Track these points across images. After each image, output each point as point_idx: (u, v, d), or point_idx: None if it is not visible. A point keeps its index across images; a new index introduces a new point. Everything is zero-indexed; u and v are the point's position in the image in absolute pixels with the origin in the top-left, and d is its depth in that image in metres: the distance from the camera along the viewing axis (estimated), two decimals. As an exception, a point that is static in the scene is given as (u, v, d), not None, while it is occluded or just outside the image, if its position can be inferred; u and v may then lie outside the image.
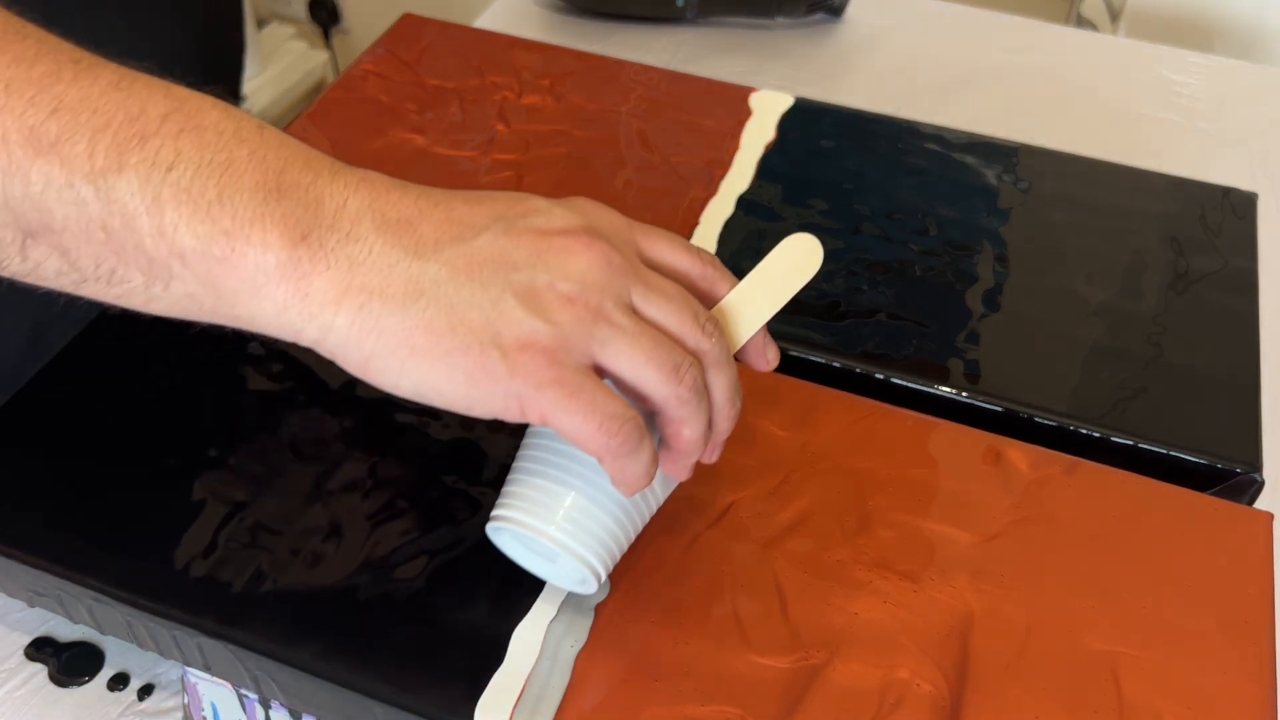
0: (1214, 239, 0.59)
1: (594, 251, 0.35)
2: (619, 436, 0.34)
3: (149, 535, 0.44)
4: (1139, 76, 0.87)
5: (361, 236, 0.33)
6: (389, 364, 0.34)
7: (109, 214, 0.32)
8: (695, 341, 0.37)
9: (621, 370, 0.35)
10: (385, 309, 0.33)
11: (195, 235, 0.32)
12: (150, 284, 0.33)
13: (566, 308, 0.34)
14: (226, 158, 0.32)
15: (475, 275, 0.34)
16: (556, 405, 0.34)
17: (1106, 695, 0.39)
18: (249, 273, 0.32)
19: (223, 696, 0.45)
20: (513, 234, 0.35)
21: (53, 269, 0.33)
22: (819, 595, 0.42)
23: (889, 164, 0.62)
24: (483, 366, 0.33)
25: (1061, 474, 0.46)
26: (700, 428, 0.37)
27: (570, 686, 0.39)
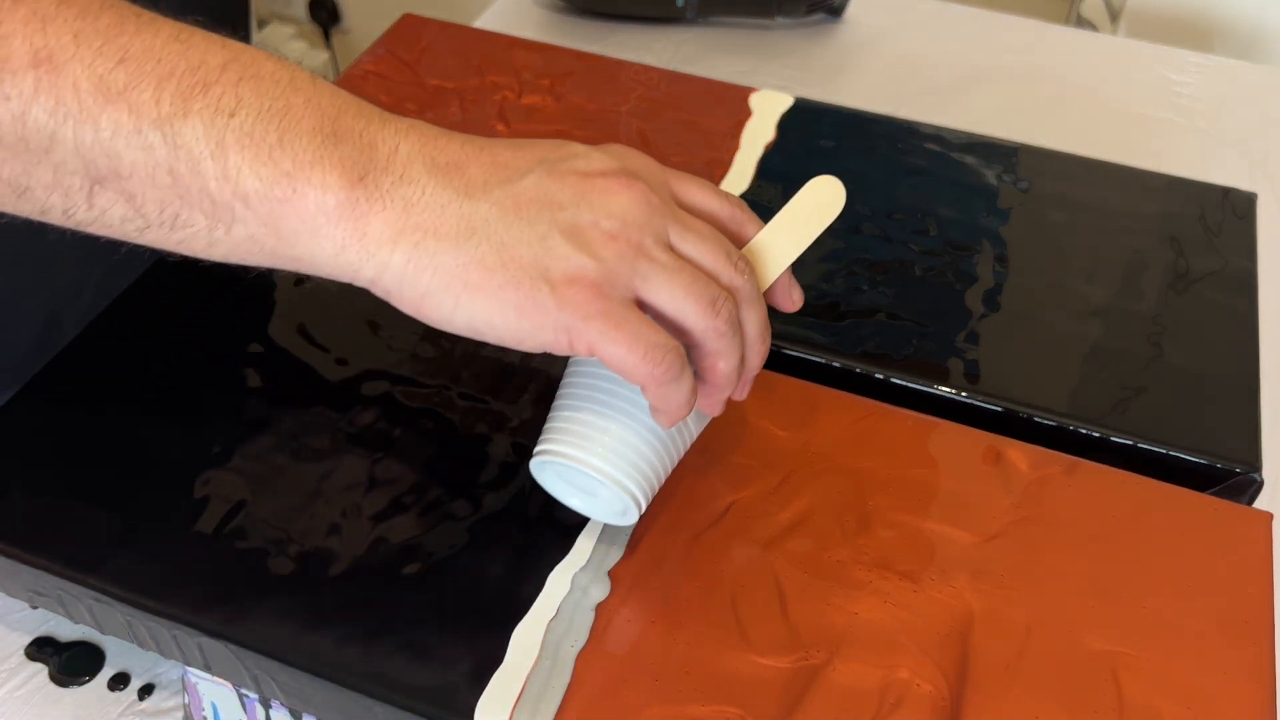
0: (1213, 239, 0.59)
1: (634, 191, 0.37)
2: (662, 365, 0.36)
3: (149, 535, 0.44)
4: (1139, 76, 0.87)
5: (414, 178, 0.35)
6: (443, 300, 0.35)
7: (175, 158, 0.33)
8: (729, 278, 0.38)
9: (662, 303, 0.37)
10: (440, 247, 0.35)
11: (258, 177, 0.33)
12: (213, 227, 0.35)
13: (610, 244, 0.36)
14: (284, 104, 0.34)
15: (523, 214, 0.36)
16: (603, 336, 0.35)
17: (1106, 695, 0.39)
18: (309, 213, 0.34)
19: (223, 696, 0.45)
20: (556, 175, 0.37)
21: (118, 215, 0.34)
22: (819, 595, 0.42)
23: (889, 164, 0.62)
24: (533, 300, 0.35)
25: (1061, 474, 0.46)
26: (735, 360, 0.38)
27: (570, 686, 0.39)
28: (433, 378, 0.49)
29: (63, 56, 0.32)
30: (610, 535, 0.44)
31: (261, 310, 0.53)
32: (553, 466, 0.42)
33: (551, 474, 0.42)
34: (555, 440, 0.40)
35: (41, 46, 0.32)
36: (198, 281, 0.54)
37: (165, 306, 0.53)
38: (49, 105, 0.32)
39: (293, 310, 0.53)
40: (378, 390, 0.49)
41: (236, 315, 0.52)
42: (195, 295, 0.54)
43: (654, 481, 0.41)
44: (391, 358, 0.50)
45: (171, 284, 0.54)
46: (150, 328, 0.52)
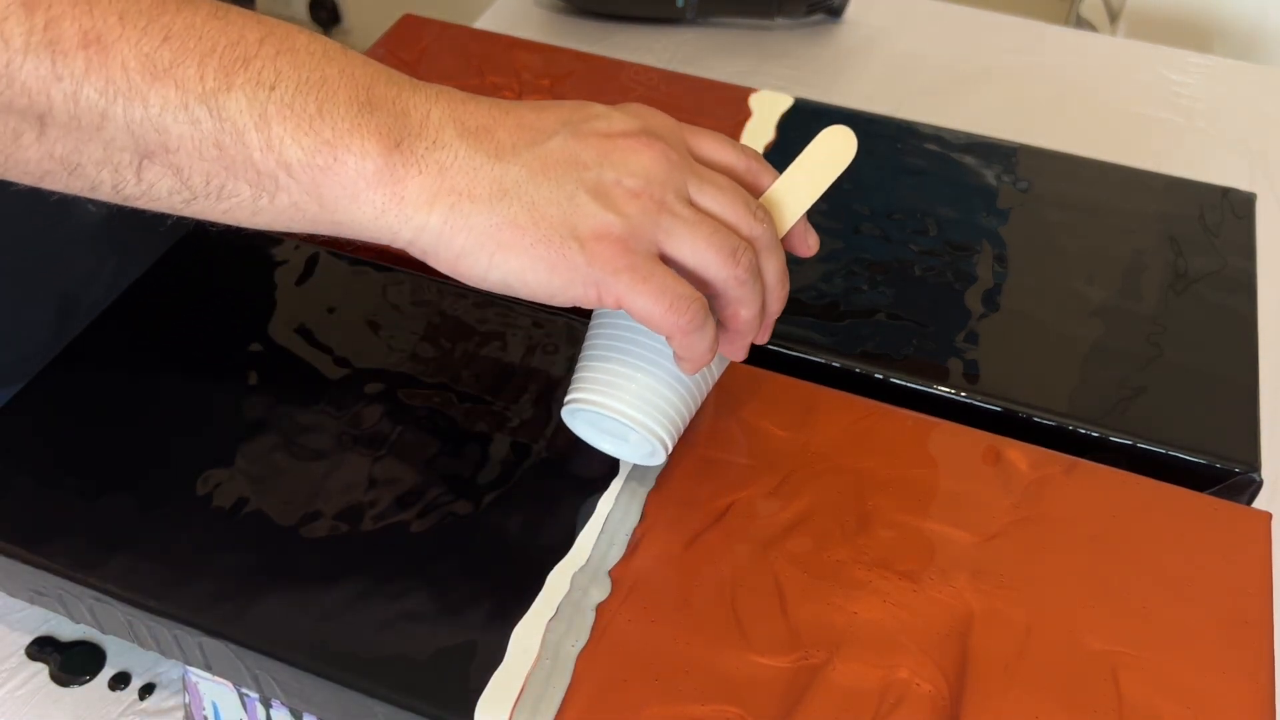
0: (1213, 239, 0.59)
1: (654, 150, 0.39)
2: (687, 314, 0.38)
3: (150, 535, 0.44)
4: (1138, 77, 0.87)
5: (447, 143, 0.37)
6: (478, 259, 0.37)
7: (221, 130, 0.34)
8: (749, 228, 0.40)
9: (684, 256, 0.38)
10: (474, 208, 0.36)
11: (301, 146, 0.35)
12: (258, 196, 0.36)
13: (633, 201, 0.38)
14: (320, 76, 0.36)
15: (551, 174, 0.37)
16: (631, 289, 0.37)
17: (1106, 695, 0.39)
18: (350, 179, 0.36)
19: (224, 695, 0.45)
20: (579, 136, 0.38)
21: (165, 188, 0.36)
22: (819, 595, 0.42)
23: (889, 164, 0.63)
24: (563, 256, 0.37)
25: (1061, 474, 0.46)
26: (756, 307, 0.40)
27: (571, 686, 0.39)
28: (433, 378, 0.49)
29: (110, 37, 0.33)
30: (610, 535, 0.44)
31: (262, 310, 0.53)
32: (583, 414, 0.44)
33: (582, 420, 0.45)
34: (586, 389, 0.42)
35: (90, 28, 0.33)
36: (198, 282, 0.54)
37: (165, 307, 0.53)
38: (99, 84, 0.33)
39: (293, 310, 0.53)
40: (378, 390, 0.49)
41: (237, 315, 0.52)
42: (195, 296, 0.54)
43: (679, 424, 0.43)
44: (391, 358, 0.50)
45: (171, 285, 0.54)
46: (150, 328, 0.52)
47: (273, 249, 0.56)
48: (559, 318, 0.52)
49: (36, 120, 0.34)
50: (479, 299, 0.53)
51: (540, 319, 0.52)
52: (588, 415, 0.44)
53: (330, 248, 0.56)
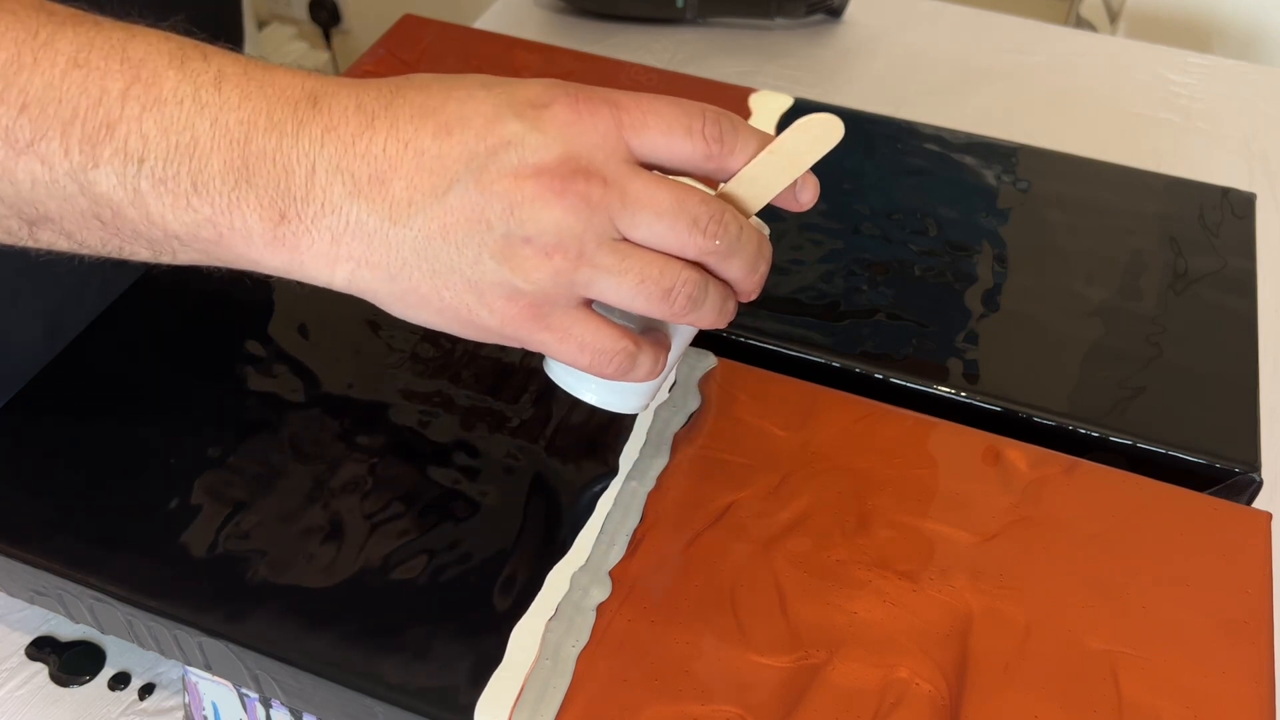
0: (1213, 239, 0.59)
1: (569, 197, 0.34)
2: (610, 366, 0.37)
3: (150, 535, 0.44)
4: (1138, 77, 0.87)
5: (336, 206, 0.34)
6: (392, 311, 0.36)
7: (98, 206, 0.33)
8: (696, 250, 0.36)
9: (612, 303, 0.36)
10: (374, 276, 0.35)
11: (182, 224, 0.34)
12: (158, 255, 0.35)
13: (545, 263, 0.34)
14: (190, 137, 0.33)
15: (450, 238, 0.34)
16: (547, 346, 0.36)
17: (1106, 694, 0.39)
18: (243, 249, 0.34)
19: (223, 695, 0.45)
20: (484, 183, 0.34)
21: (64, 247, 0.35)
22: (819, 595, 0.42)
23: (889, 164, 0.63)
24: (474, 320, 0.36)
25: (1061, 474, 0.46)
26: (713, 315, 0.38)
27: (571, 686, 0.39)
28: (433, 378, 0.49)
29: None
30: (610, 535, 0.44)
31: (261, 310, 0.53)
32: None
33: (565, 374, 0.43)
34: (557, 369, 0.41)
35: None
36: (198, 282, 0.54)
37: (165, 307, 0.53)
38: None
39: (293, 310, 0.53)
40: (377, 390, 0.49)
41: (236, 316, 0.52)
42: (195, 296, 0.54)
43: (652, 390, 0.42)
44: (392, 358, 0.50)
45: (172, 285, 0.54)
46: (150, 328, 0.52)
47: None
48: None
49: None
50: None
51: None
52: None
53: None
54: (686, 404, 0.48)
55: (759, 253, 0.38)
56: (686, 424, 0.48)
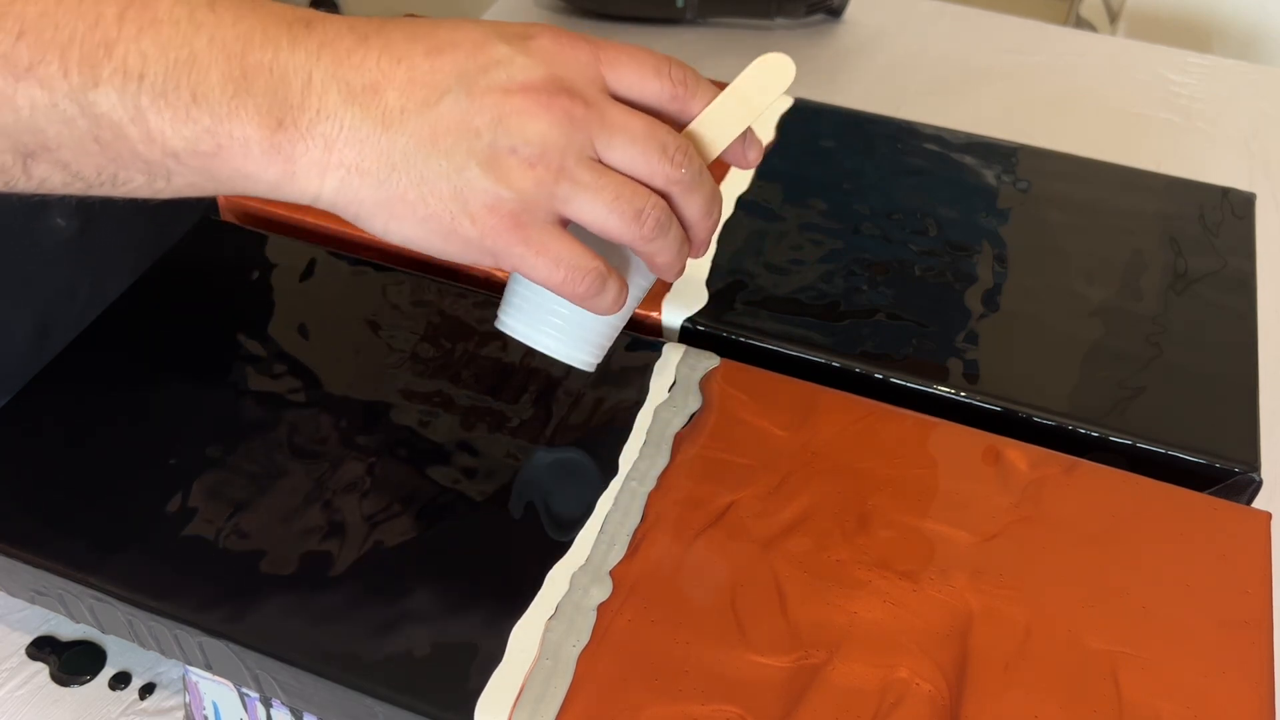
0: (1213, 239, 0.59)
1: (554, 112, 0.37)
2: (582, 285, 0.38)
3: (150, 534, 0.44)
4: (1138, 77, 0.87)
5: (331, 112, 0.35)
6: (373, 224, 0.37)
7: (98, 127, 0.33)
8: (664, 176, 0.38)
9: (585, 222, 0.38)
10: (363, 183, 0.36)
11: (181, 137, 0.34)
12: (152, 181, 0.35)
13: (528, 172, 0.36)
14: (189, 53, 0.34)
15: (440, 144, 0.36)
16: (524, 261, 0.37)
17: (1105, 694, 0.39)
18: (238, 161, 0.35)
19: (224, 695, 0.45)
20: (474, 95, 0.36)
21: (59, 181, 0.35)
22: (819, 595, 0.42)
23: (888, 164, 0.63)
24: (455, 230, 0.36)
25: (1061, 474, 0.46)
26: (672, 252, 0.40)
27: (572, 686, 0.39)
28: (433, 378, 0.49)
29: None
30: (610, 535, 0.44)
31: (261, 310, 0.53)
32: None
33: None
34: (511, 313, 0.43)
35: None
36: (199, 281, 0.54)
37: (165, 307, 0.53)
38: None
39: (293, 310, 0.53)
40: (377, 390, 0.49)
41: (236, 316, 0.52)
42: (196, 295, 0.54)
43: (603, 344, 0.44)
44: (391, 358, 0.50)
45: (171, 284, 0.54)
46: (151, 328, 0.52)
47: (273, 250, 0.56)
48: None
49: None
50: (479, 299, 0.53)
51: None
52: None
53: (330, 248, 0.56)
54: (687, 404, 0.48)
55: (714, 197, 0.41)
56: (687, 424, 0.48)
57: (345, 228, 0.57)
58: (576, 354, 0.43)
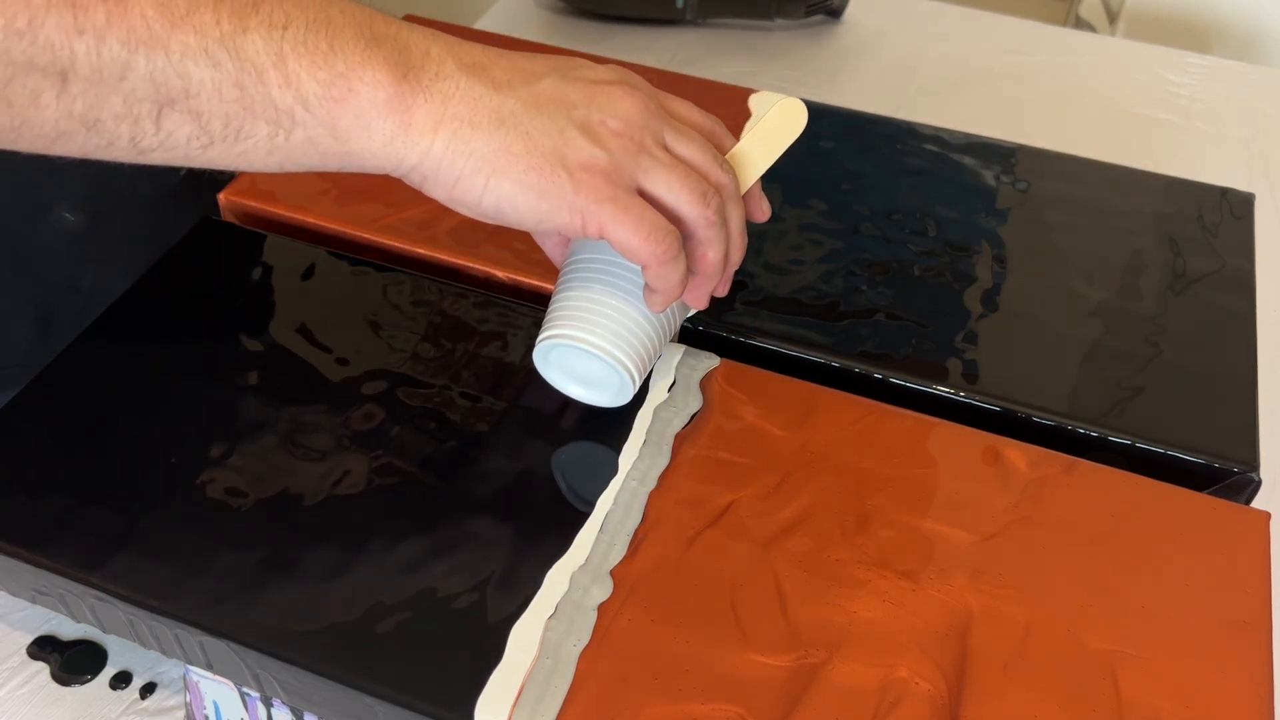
0: (1212, 239, 0.59)
1: (635, 98, 0.42)
2: (663, 244, 0.41)
3: (151, 534, 0.44)
4: (1137, 77, 0.87)
5: (448, 75, 0.39)
6: (474, 183, 0.39)
7: (241, 71, 0.36)
8: (717, 176, 0.43)
9: (660, 194, 0.41)
10: (475, 135, 0.39)
11: (317, 81, 0.37)
12: (274, 134, 0.38)
13: (616, 140, 0.41)
14: (325, 16, 0.38)
15: (543, 109, 0.40)
16: (613, 217, 0.40)
17: (1105, 694, 0.39)
18: (363, 108, 0.38)
19: (224, 695, 0.46)
20: (568, 81, 0.41)
21: (184, 135, 0.37)
22: (818, 594, 0.42)
23: (888, 165, 0.63)
24: (553, 184, 0.39)
25: (1060, 473, 0.46)
26: (721, 250, 0.43)
27: (573, 685, 0.39)
28: (433, 378, 0.50)
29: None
30: (611, 535, 0.44)
31: (262, 310, 0.53)
32: (556, 353, 0.46)
33: (555, 367, 0.47)
34: (559, 324, 0.45)
35: None
36: (199, 282, 0.54)
37: (166, 307, 0.53)
38: (121, 35, 0.34)
39: (293, 310, 0.53)
40: (378, 390, 0.49)
41: (237, 316, 0.52)
42: (196, 296, 0.54)
43: (646, 360, 0.46)
44: (392, 358, 0.50)
45: (172, 285, 0.54)
46: (151, 328, 0.52)
47: (273, 250, 0.56)
48: (559, 318, 0.52)
49: (58, 77, 0.34)
50: (479, 299, 0.53)
51: (541, 319, 0.52)
52: (560, 355, 0.46)
53: (330, 248, 0.56)
54: (688, 404, 0.49)
55: (745, 223, 0.45)
56: (688, 424, 0.48)
57: (346, 228, 0.57)
58: (623, 356, 0.44)
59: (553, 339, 0.45)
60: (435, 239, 0.56)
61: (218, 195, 0.59)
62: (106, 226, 0.61)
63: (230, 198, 0.59)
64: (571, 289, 0.45)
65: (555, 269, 0.55)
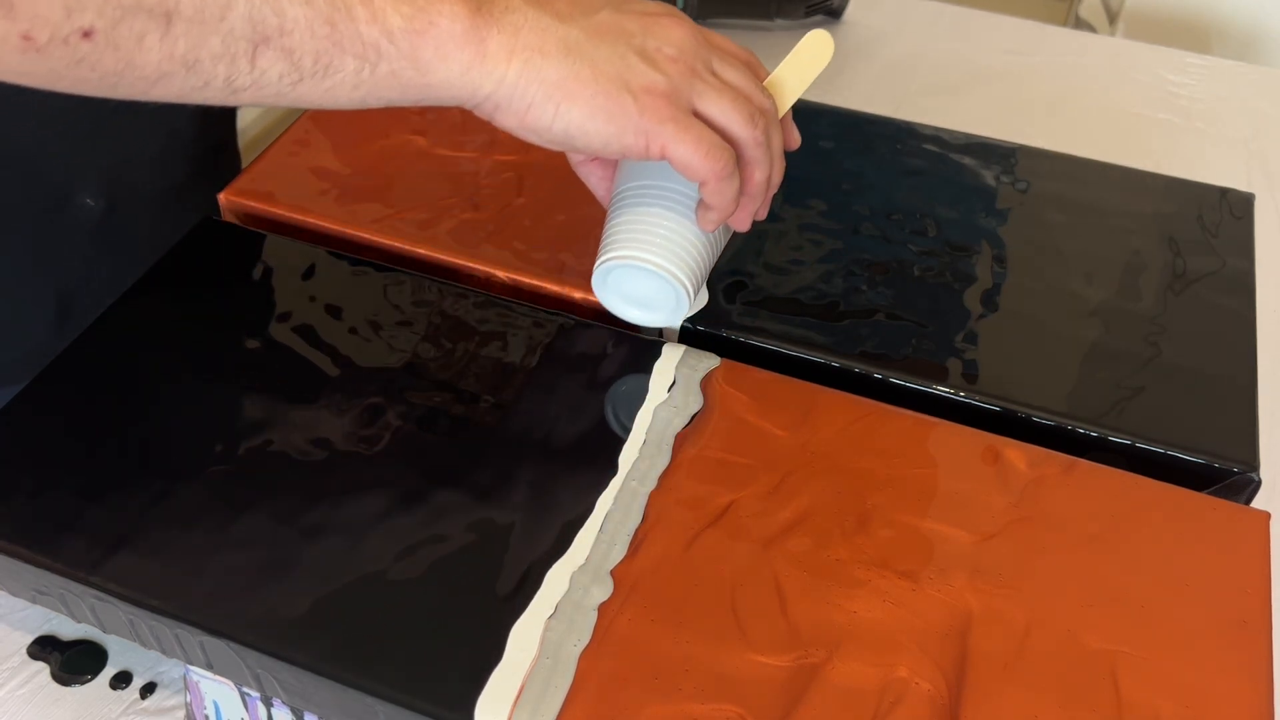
0: (1211, 239, 0.59)
1: (685, 27, 0.45)
2: (721, 160, 0.44)
3: (151, 534, 0.44)
4: (1137, 77, 0.87)
5: (517, 8, 0.42)
6: (545, 109, 0.42)
7: (332, 7, 0.39)
8: (760, 100, 0.46)
9: (713, 115, 0.44)
10: (545, 63, 0.42)
11: (400, 15, 0.40)
12: (360, 69, 0.40)
13: (673, 65, 0.44)
14: None
15: (605, 38, 0.43)
16: (675, 136, 0.43)
17: (1104, 694, 0.39)
18: (442, 40, 0.40)
19: (225, 695, 0.46)
20: (622, 13, 0.45)
21: (276, 73, 0.39)
22: (818, 594, 0.42)
23: (888, 165, 0.63)
24: (619, 106, 0.42)
25: (1059, 473, 0.46)
26: (767, 170, 0.46)
27: (573, 685, 0.39)
28: (433, 378, 0.50)
29: None
30: (611, 535, 0.44)
31: (262, 310, 0.53)
32: (614, 277, 0.49)
33: (612, 292, 0.51)
34: (614, 247, 0.48)
35: None
36: (199, 282, 0.54)
37: (165, 308, 0.53)
38: None
39: (293, 310, 0.53)
40: (378, 390, 0.49)
41: (237, 316, 0.52)
42: (196, 296, 0.54)
43: (700, 278, 0.49)
44: (392, 358, 0.50)
45: (172, 285, 0.54)
46: (151, 328, 0.52)
47: (273, 250, 0.56)
48: (558, 318, 0.52)
49: (164, 18, 0.36)
50: (479, 299, 0.53)
51: (540, 319, 0.52)
52: (616, 280, 0.50)
53: (330, 248, 0.56)
54: (688, 405, 0.49)
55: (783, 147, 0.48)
56: (688, 424, 0.48)
57: (346, 228, 0.57)
58: (679, 272, 0.47)
59: (612, 260, 0.48)
60: (435, 239, 0.56)
61: (218, 195, 0.59)
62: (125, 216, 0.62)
63: (230, 198, 0.59)
64: (625, 213, 0.48)
65: (555, 269, 0.55)
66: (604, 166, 0.51)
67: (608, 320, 0.53)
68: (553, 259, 0.56)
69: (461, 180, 0.60)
